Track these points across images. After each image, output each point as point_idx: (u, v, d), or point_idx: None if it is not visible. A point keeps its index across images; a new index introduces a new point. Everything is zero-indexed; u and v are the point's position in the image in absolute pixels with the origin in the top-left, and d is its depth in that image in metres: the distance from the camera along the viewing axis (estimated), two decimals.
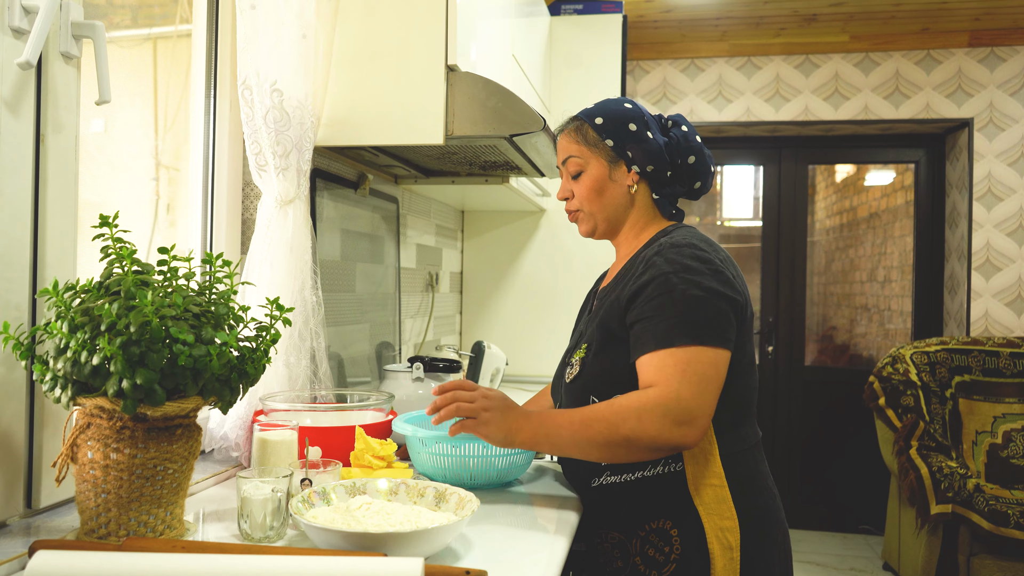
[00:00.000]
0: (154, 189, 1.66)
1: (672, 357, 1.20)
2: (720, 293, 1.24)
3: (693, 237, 1.33)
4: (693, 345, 1.20)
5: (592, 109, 1.44)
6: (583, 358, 1.36)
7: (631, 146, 1.40)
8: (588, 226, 1.47)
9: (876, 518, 4.31)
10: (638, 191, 1.43)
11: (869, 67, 4.13)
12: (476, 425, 1.26)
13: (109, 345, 0.96)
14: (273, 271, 1.55)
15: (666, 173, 1.42)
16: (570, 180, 1.45)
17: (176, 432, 1.07)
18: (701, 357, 1.20)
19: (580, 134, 1.43)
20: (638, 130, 1.40)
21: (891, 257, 4.61)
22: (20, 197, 1.12)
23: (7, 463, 1.11)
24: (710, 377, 1.20)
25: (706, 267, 1.25)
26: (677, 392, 1.18)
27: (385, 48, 1.75)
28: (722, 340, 1.22)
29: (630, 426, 1.18)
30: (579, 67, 3.22)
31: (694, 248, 1.28)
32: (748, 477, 1.30)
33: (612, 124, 1.40)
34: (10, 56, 1.09)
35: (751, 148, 4.66)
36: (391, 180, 2.47)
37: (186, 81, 1.71)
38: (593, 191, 1.42)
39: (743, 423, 1.33)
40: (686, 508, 1.25)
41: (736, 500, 1.26)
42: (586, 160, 1.42)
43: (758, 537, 1.27)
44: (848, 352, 4.77)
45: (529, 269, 3.32)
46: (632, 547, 1.29)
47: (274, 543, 1.10)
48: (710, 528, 1.24)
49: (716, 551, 1.23)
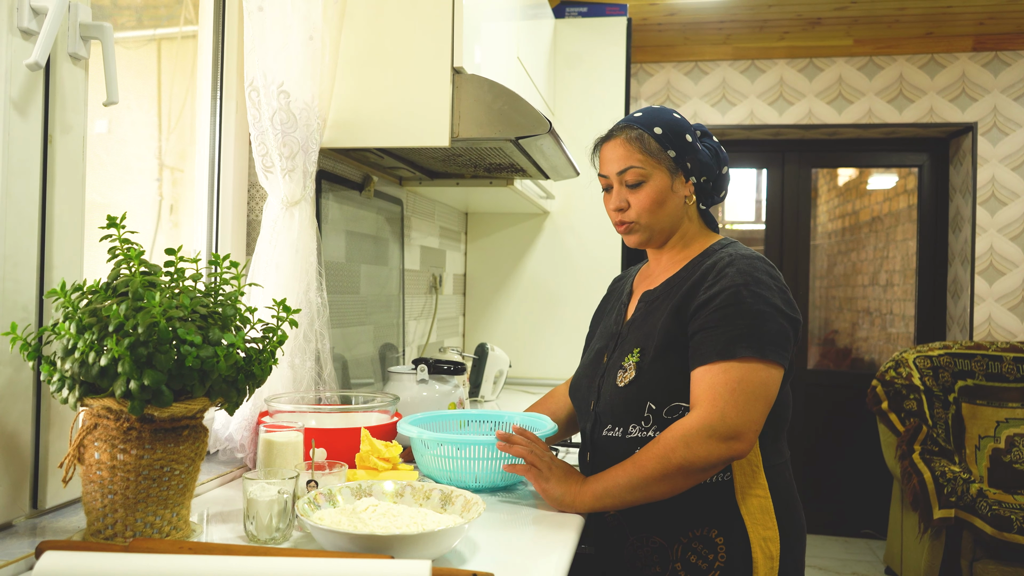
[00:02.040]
0: (157, 190, 1.67)
1: (726, 374, 1.23)
2: (784, 312, 1.27)
3: (753, 253, 1.36)
4: (752, 359, 1.23)
5: (645, 118, 1.42)
6: (638, 363, 1.35)
7: (690, 157, 1.40)
8: (642, 237, 1.44)
9: (878, 522, 4.31)
10: (691, 202, 1.44)
11: (873, 71, 4.13)
12: (539, 477, 1.32)
13: (117, 346, 0.96)
14: (279, 272, 1.55)
15: (710, 184, 1.44)
16: (625, 189, 1.41)
17: (183, 433, 1.07)
18: (756, 374, 1.23)
19: (641, 143, 1.40)
20: (692, 141, 1.41)
21: (893, 261, 4.61)
22: (28, 198, 1.12)
23: (13, 463, 1.11)
24: (759, 394, 1.23)
25: (774, 284, 1.29)
26: (722, 411, 1.21)
27: (391, 50, 1.75)
28: (781, 357, 1.25)
29: (680, 454, 1.22)
30: (583, 70, 3.22)
31: (764, 263, 1.31)
32: (786, 489, 1.35)
33: (672, 134, 1.39)
34: (19, 57, 1.09)
35: (754, 151, 4.66)
36: (395, 182, 2.47)
37: (190, 82, 1.71)
38: (655, 203, 1.40)
39: (780, 437, 1.37)
40: (732, 517, 1.28)
41: (777, 511, 1.30)
42: (650, 170, 1.39)
43: (792, 547, 1.31)
44: (850, 356, 4.76)
45: (532, 271, 3.31)
46: (673, 553, 1.30)
47: (280, 545, 1.10)
48: (754, 538, 1.27)
49: (759, 560, 1.26)
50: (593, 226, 3.24)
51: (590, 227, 3.25)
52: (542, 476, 1.32)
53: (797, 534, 1.34)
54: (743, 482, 1.29)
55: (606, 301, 1.64)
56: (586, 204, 3.24)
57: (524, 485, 1.50)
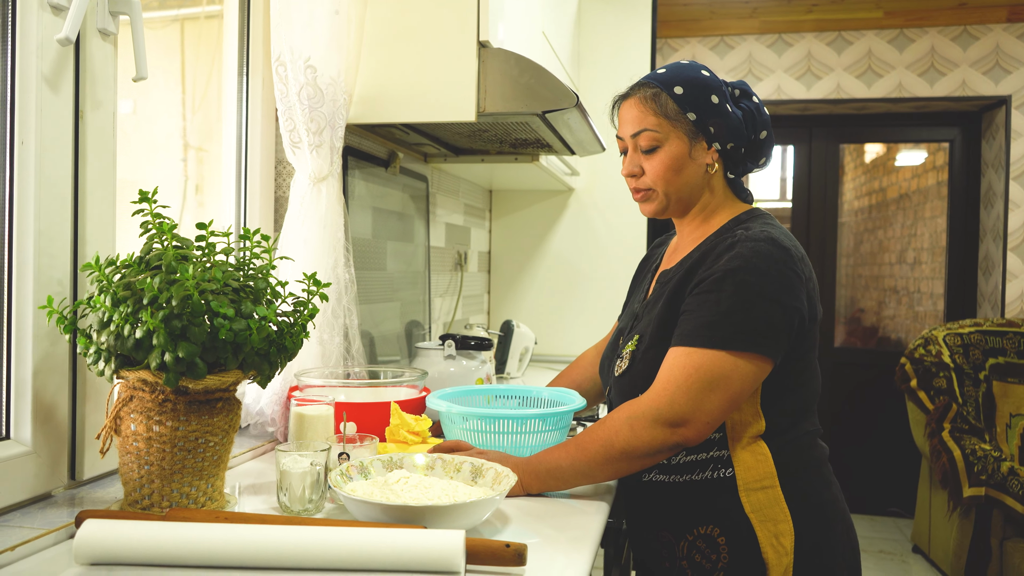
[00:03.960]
0: (183, 170, 1.67)
1: (687, 358, 1.16)
2: (776, 300, 1.16)
3: (774, 231, 1.22)
4: (712, 349, 1.15)
5: (667, 75, 1.29)
6: (633, 351, 1.30)
7: (714, 120, 1.26)
8: (657, 206, 1.33)
9: (905, 501, 4.28)
10: (715, 170, 1.30)
11: (904, 43, 4.05)
12: None
13: (151, 319, 0.97)
14: (307, 248, 1.56)
15: (741, 150, 1.30)
16: (640, 155, 1.31)
17: (217, 405, 1.08)
18: (717, 363, 1.14)
19: (657, 104, 1.27)
20: (720, 103, 1.27)
21: (921, 239, 4.54)
22: (61, 173, 1.13)
23: (52, 435, 1.12)
24: (717, 385, 1.14)
25: (775, 269, 1.17)
26: (672, 396, 1.15)
27: (417, 25, 1.74)
28: (756, 346, 1.15)
29: (624, 437, 1.17)
30: (607, 45, 3.19)
31: (772, 245, 1.18)
32: (804, 471, 1.24)
33: (693, 95, 1.26)
34: (49, 33, 1.10)
35: (781, 127, 4.60)
36: (421, 159, 2.46)
37: (214, 62, 1.71)
38: (671, 170, 1.28)
39: (802, 422, 1.27)
40: (736, 517, 1.19)
41: (790, 497, 1.19)
42: (665, 134, 1.27)
43: (819, 530, 1.21)
44: (877, 335, 4.71)
45: (557, 249, 3.30)
46: (679, 550, 1.23)
47: (313, 516, 1.11)
48: (764, 536, 1.18)
49: (771, 559, 1.17)
50: (618, 203, 3.22)
51: (615, 204, 3.23)
52: None
53: (823, 515, 1.22)
54: (747, 477, 1.20)
55: (641, 270, 1.56)
56: (611, 181, 3.21)
57: None
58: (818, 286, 1.27)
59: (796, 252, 1.21)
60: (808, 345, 1.24)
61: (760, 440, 1.22)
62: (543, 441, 1.42)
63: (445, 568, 0.85)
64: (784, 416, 1.24)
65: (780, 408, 1.23)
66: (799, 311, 1.19)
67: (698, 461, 1.23)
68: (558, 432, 1.44)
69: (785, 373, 1.22)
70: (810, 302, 1.22)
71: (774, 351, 1.18)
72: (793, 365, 1.23)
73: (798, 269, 1.19)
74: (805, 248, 4.53)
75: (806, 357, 1.25)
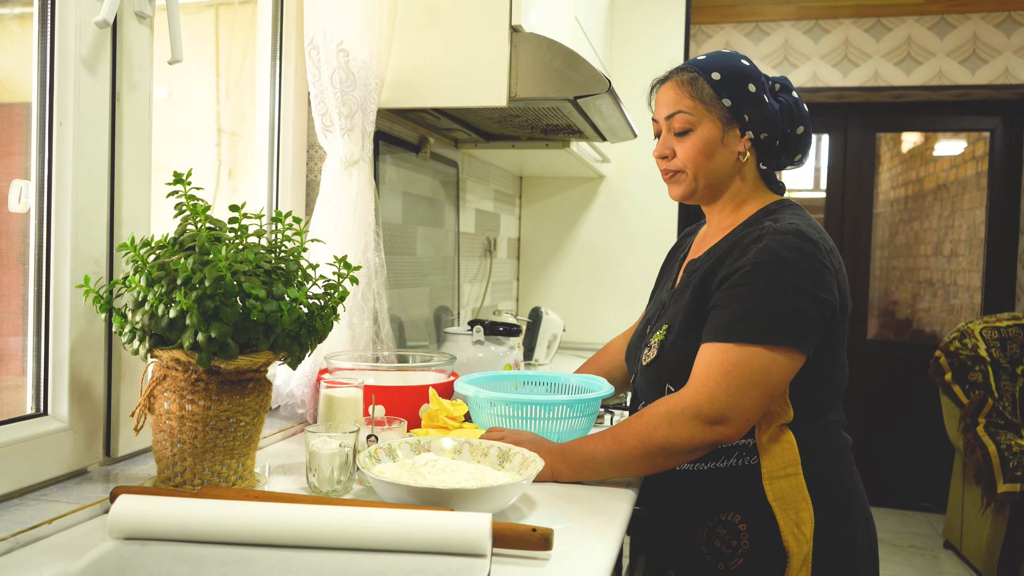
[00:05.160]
0: (216, 155, 1.69)
1: (724, 354, 1.16)
2: (807, 292, 1.16)
3: (802, 222, 1.22)
4: (750, 344, 1.14)
5: (705, 61, 1.30)
6: (662, 341, 1.30)
7: (749, 109, 1.27)
8: (687, 189, 1.33)
9: (937, 496, 4.22)
10: (747, 159, 1.31)
11: (945, 30, 3.96)
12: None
13: (185, 299, 0.98)
14: (338, 232, 1.57)
15: (775, 143, 1.31)
16: (672, 137, 1.31)
17: (248, 386, 1.09)
18: (756, 359, 1.14)
19: (694, 87, 1.28)
20: (756, 92, 1.28)
21: (959, 230, 4.45)
22: (98, 155, 1.15)
23: (88, 412, 1.14)
24: (756, 381, 1.14)
25: (805, 262, 1.16)
26: (712, 393, 1.15)
27: (449, 9, 1.74)
28: (791, 340, 1.15)
29: (662, 434, 1.16)
30: (640, 30, 3.16)
31: (800, 238, 1.18)
32: (827, 460, 1.24)
33: (731, 82, 1.27)
34: (87, 15, 1.11)
35: (816, 116, 4.51)
36: (451, 144, 2.46)
37: (247, 48, 1.72)
38: (702, 153, 1.29)
39: (828, 412, 1.27)
40: (759, 504, 1.19)
41: (812, 485, 1.20)
42: (699, 118, 1.28)
43: (839, 519, 1.21)
44: (911, 327, 4.64)
45: (587, 236, 3.29)
46: (699, 536, 1.24)
47: (341, 496, 1.12)
48: (785, 525, 1.18)
49: (792, 548, 1.17)
50: (649, 191, 3.19)
51: (646, 192, 3.20)
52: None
53: (844, 505, 1.22)
54: (771, 466, 1.20)
55: (670, 258, 1.56)
56: (642, 168, 3.19)
57: None
58: (847, 278, 1.26)
59: (825, 244, 1.21)
60: (838, 337, 1.24)
61: (787, 429, 1.23)
62: (571, 427, 1.42)
63: (471, 550, 0.85)
64: (812, 407, 1.24)
65: (808, 398, 1.23)
66: (830, 303, 1.18)
67: (724, 449, 1.23)
68: (586, 419, 1.44)
69: (815, 365, 1.22)
70: (841, 294, 1.22)
71: (807, 344, 1.17)
72: (823, 356, 1.23)
73: (827, 261, 1.19)
74: (837, 239, 4.49)
75: (835, 348, 1.25)
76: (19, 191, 1.12)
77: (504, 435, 1.26)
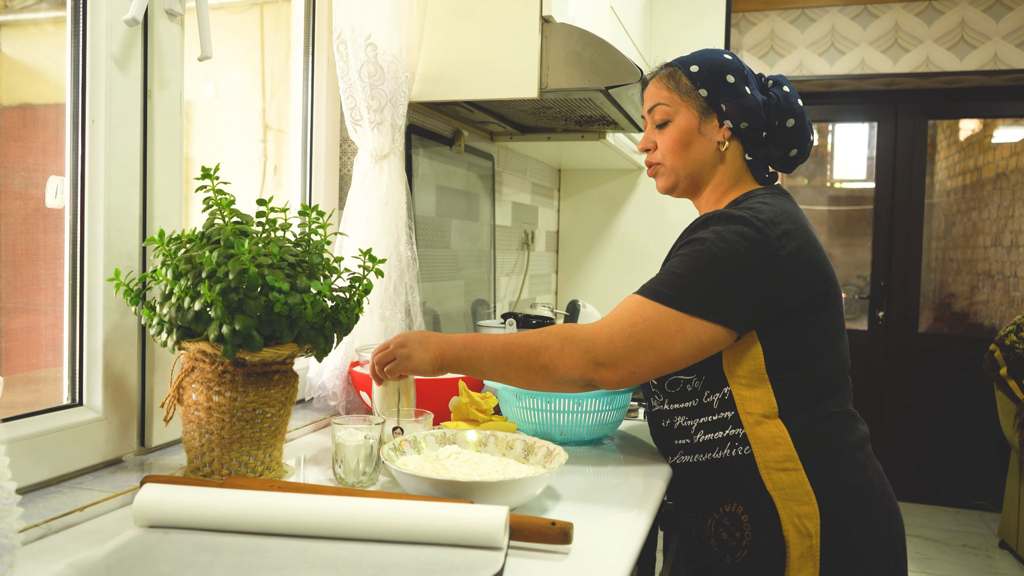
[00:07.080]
0: (262, 151, 1.71)
1: (639, 307, 1.18)
2: (737, 273, 1.15)
3: (763, 206, 1.21)
4: (665, 306, 1.16)
5: (688, 57, 1.34)
6: None
7: (726, 99, 1.29)
8: (668, 181, 1.36)
9: (992, 494, 4.09)
10: (729, 149, 1.31)
11: (1000, 12, 3.81)
12: (398, 364, 1.25)
13: (209, 292, 0.99)
14: (369, 225, 1.58)
15: (761, 133, 1.30)
16: (654, 130, 1.35)
17: (273, 378, 1.10)
18: (664, 321, 1.15)
19: (672, 81, 1.32)
20: (735, 83, 1.29)
21: (1019, 220, 4.30)
22: (130, 151, 1.17)
23: (122, 403, 1.17)
24: (658, 343, 1.15)
25: (743, 244, 1.16)
26: (611, 336, 1.17)
27: (479, 1, 1.73)
28: (708, 313, 1.15)
29: (550, 355, 1.18)
30: (680, 20, 3.11)
31: (744, 223, 1.17)
32: (832, 454, 1.20)
33: (708, 73, 1.30)
34: (118, 13, 1.13)
35: (864, 103, 4.41)
36: (487, 137, 2.46)
37: (290, 44, 1.74)
38: (679, 143, 1.31)
39: (823, 404, 1.23)
40: (758, 494, 1.18)
41: (816, 480, 1.17)
42: (675, 109, 1.31)
43: (851, 515, 1.18)
44: (967, 320, 4.50)
45: (626, 229, 3.26)
46: (707, 528, 1.25)
47: (366, 488, 1.13)
48: (786, 515, 1.16)
49: (792, 539, 1.16)
50: None
51: None
52: (399, 361, 1.24)
53: (858, 499, 1.19)
54: (765, 456, 1.18)
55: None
56: None
57: (610, 439, 1.49)
58: (825, 262, 1.23)
59: (776, 229, 1.18)
60: (807, 323, 1.21)
61: (776, 419, 1.20)
62: (600, 421, 1.41)
63: (487, 543, 0.85)
64: (796, 395, 1.21)
65: (789, 386, 1.20)
66: (768, 288, 1.16)
67: (716, 440, 1.23)
68: (615, 411, 1.42)
69: (787, 350, 1.20)
70: (795, 280, 1.18)
71: (729, 321, 1.16)
72: (796, 342, 1.20)
73: (773, 247, 1.17)
74: (885, 231, 4.37)
75: (808, 334, 1.21)
76: (55, 187, 1.15)
77: (389, 342, 1.27)
